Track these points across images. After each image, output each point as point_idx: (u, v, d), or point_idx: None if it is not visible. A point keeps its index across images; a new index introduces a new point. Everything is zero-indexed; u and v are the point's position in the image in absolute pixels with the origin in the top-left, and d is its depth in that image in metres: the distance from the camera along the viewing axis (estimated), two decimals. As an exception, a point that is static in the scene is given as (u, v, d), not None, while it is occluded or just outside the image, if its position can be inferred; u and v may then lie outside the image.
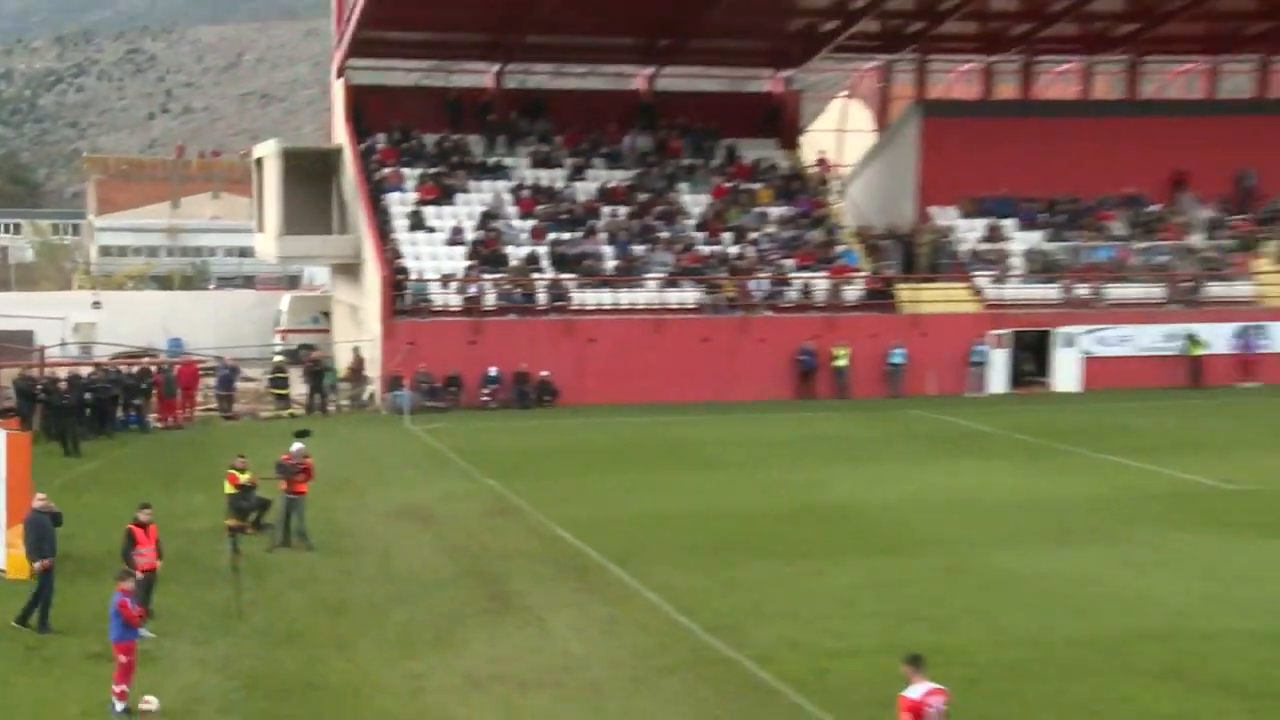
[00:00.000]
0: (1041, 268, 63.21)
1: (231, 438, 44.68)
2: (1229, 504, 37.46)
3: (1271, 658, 23.92)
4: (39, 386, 46.93)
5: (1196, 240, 66.38)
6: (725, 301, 58.21)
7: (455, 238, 58.52)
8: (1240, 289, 63.92)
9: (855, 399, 57.68)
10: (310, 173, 63.60)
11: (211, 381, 54.43)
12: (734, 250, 60.67)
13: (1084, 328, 61.15)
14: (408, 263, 56.55)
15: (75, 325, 70.92)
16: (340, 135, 63.15)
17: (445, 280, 56.43)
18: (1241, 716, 21.27)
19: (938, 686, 16.74)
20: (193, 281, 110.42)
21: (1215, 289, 63.51)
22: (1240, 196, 69.31)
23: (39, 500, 25.60)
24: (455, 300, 56.17)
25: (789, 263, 60.44)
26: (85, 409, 46.76)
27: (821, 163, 70.15)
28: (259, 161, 69.65)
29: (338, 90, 64.45)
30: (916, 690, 16.45)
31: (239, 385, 55.39)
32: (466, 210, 60.11)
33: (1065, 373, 60.97)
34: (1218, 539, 33.36)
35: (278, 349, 65.16)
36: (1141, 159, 67.14)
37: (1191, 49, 74.20)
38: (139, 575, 22.54)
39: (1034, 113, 71.11)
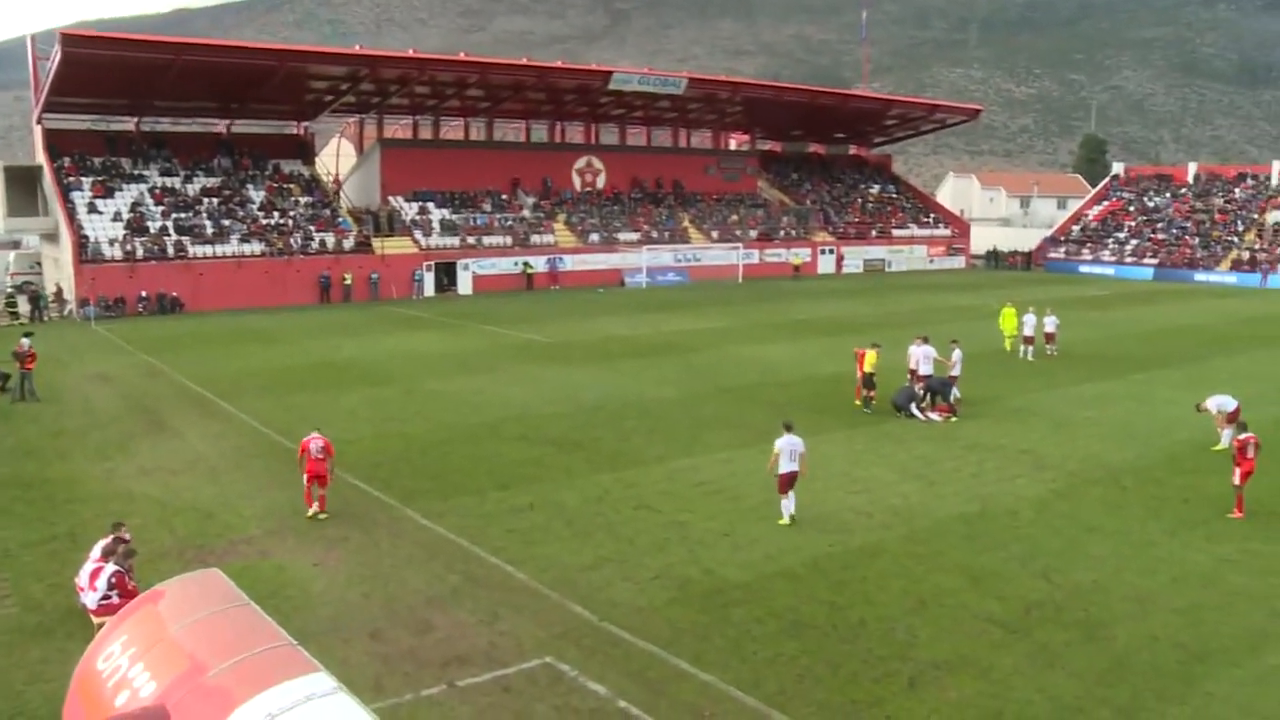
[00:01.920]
0: (449, 228, 66.72)
1: (-16, 338, 42.05)
2: (543, 349, 40.56)
3: (571, 424, 26.83)
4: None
5: (527, 213, 71.15)
6: (277, 250, 59.38)
7: (116, 217, 57.91)
8: (548, 238, 69.47)
9: (354, 302, 59.88)
10: (25, 180, 61.09)
11: (-29, 306, 51.83)
12: (281, 222, 62.04)
13: (473, 260, 65.63)
14: (87, 232, 55.87)
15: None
16: (41, 159, 61.37)
17: (111, 242, 55.98)
18: (556, 457, 23.45)
19: (320, 435, 19.28)
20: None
21: (536, 238, 68.91)
22: (545, 191, 74.39)
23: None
24: (118, 253, 55.60)
25: (312, 228, 62.23)
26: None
27: (335, 180, 70.96)
28: (-8, 174, 64.11)
29: (38, 133, 62.16)
30: (308, 437, 19.31)
31: (-13, 308, 53.66)
32: (122, 201, 59.39)
33: (464, 284, 65.22)
34: (540, 367, 36.27)
35: (9, 285, 61.91)
36: (497, 170, 72.55)
37: (516, 116, 76.70)
38: None
39: (441, 146, 73.28)
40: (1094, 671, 13.29)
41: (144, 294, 55.51)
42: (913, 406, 27.96)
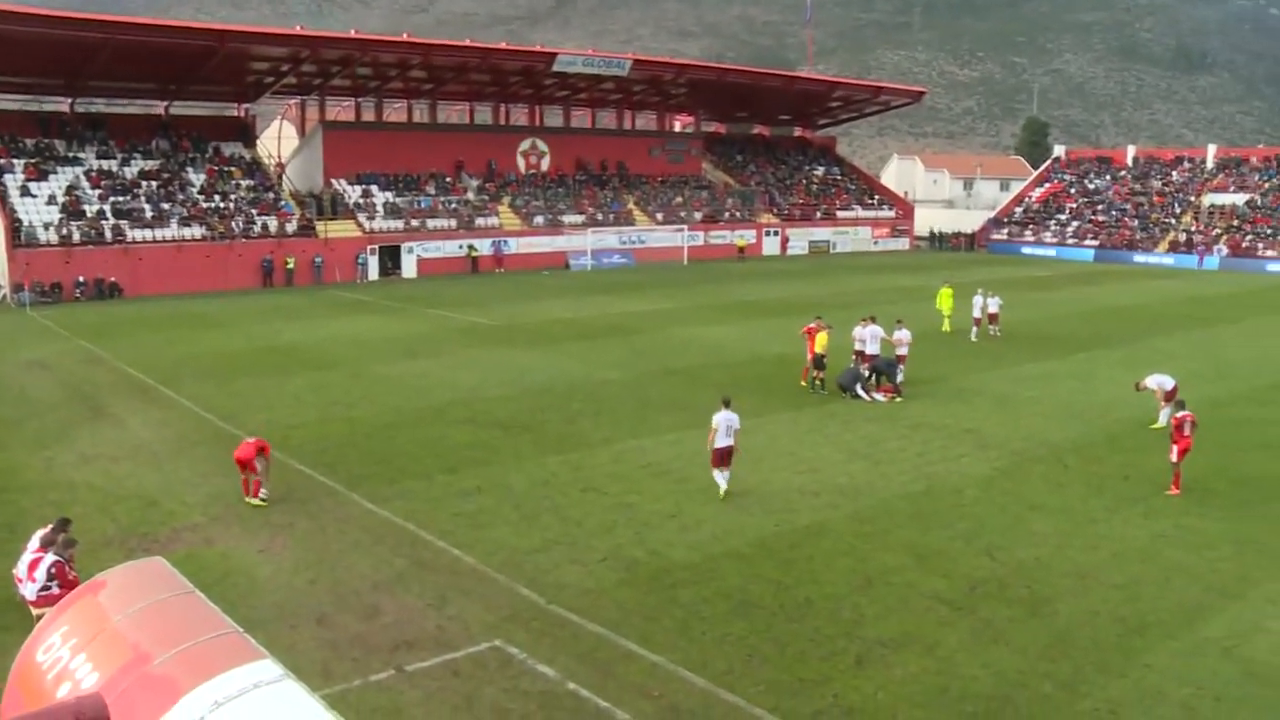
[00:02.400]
0: (392, 211, 66.14)
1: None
2: (488, 332, 40.46)
3: (518, 407, 26.82)
4: None
5: (471, 196, 70.67)
6: (218, 234, 58.43)
7: (50, 200, 56.65)
8: (492, 221, 68.97)
9: (297, 286, 59.21)
10: (-48, 163, 58.56)
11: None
12: (222, 205, 61.05)
13: (417, 243, 65.03)
14: (21, 216, 54.68)
15: None
16: (-32, 140, 58.84)
17: (46, 226, 54.86)
18: (503, 440, 23.57)
19: (259, 439, 19.31)
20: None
21: (480, 221, 68.41)
22: (490, 174, 73.79)
23: None
24: (54, 237, 54.46)
25: (254, 211, 61.40)
26: None
27: (277, 163, 69.63)
28: (-84, 155, 61.60)
29: (-34, 113, 59.53)
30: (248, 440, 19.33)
31: (-84, 294, 52.20)
32: (57, 184, 57.93)
33: (409, 267, 64.58)
34: (486, 350, 36.11)
35: (-62, 271, 58.39)
36: (441, 153, 71.71)
37: (460, 98, 75.86)
38: None
39: (384, 128, 72.21)
40: (1037, 646, 13.54)
41: (81, 279, 54.51)
42: (858, 387, 28.24)
